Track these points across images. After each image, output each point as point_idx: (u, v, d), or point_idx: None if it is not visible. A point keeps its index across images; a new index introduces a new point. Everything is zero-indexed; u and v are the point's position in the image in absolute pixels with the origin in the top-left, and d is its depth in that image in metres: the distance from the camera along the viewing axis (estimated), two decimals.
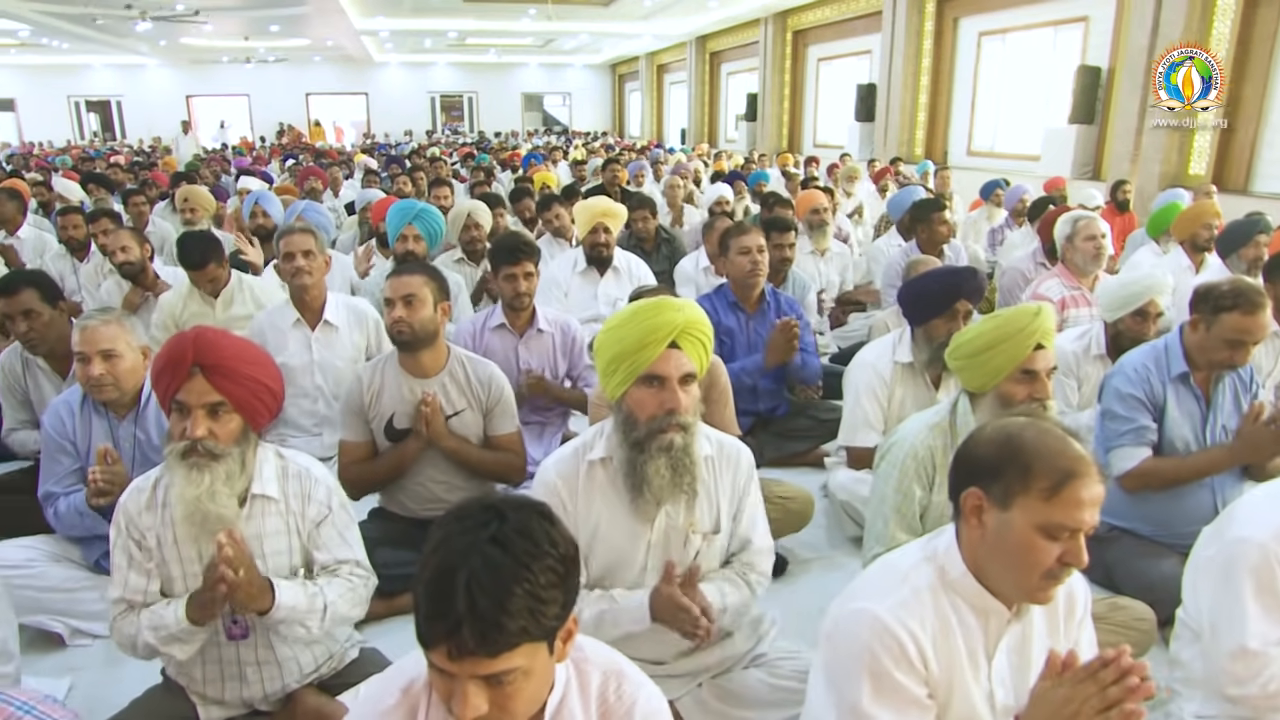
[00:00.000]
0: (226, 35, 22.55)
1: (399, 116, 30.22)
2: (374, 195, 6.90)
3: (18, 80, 28.55)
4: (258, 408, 1.97)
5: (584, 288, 4.78)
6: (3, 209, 6.56)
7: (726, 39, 22.24)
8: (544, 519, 1.20)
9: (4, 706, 1.35)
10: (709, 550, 2.09)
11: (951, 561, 1.53)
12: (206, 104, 30.38)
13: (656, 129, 27.90)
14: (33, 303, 3.21)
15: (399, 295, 2.82)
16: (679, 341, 1.93)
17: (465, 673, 1.14)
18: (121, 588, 2.01)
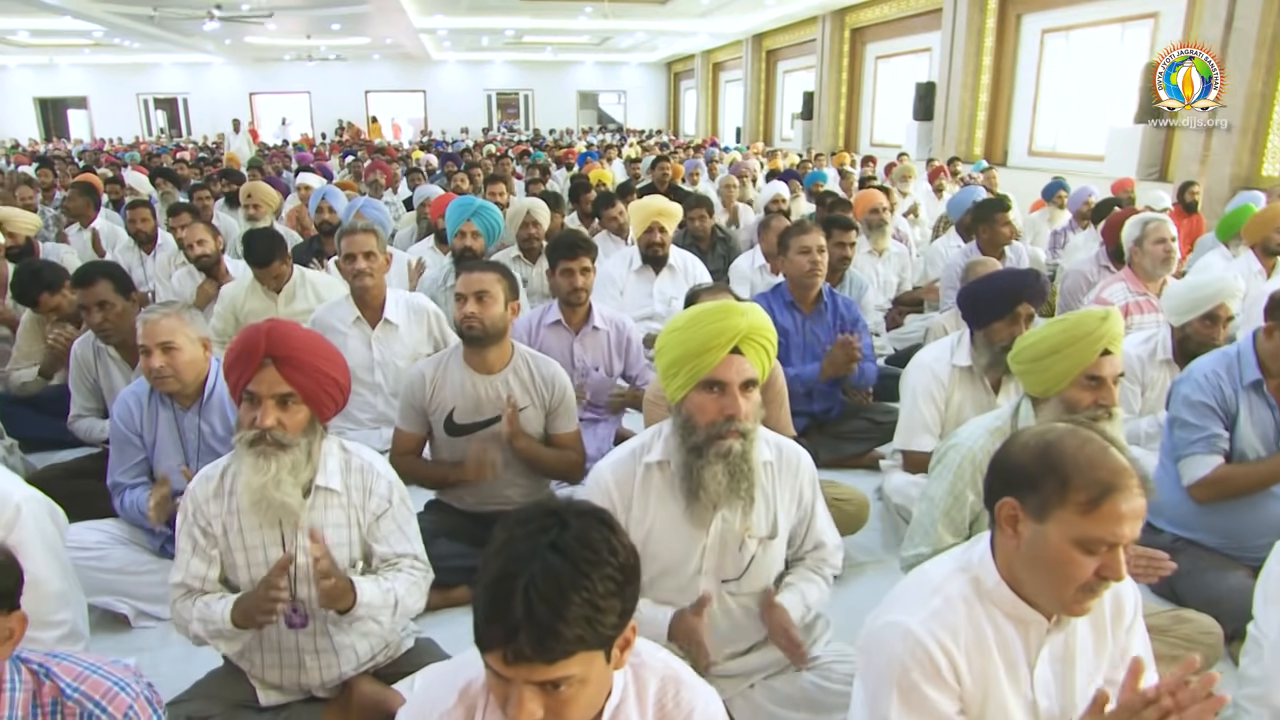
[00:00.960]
0: (289, 34, 22.96)
1: (456, 114, 30.50)
2: (433, 191, 6.97)
3: (90, 79, 29.45)
4: (325, 400, 2.01)
5: (639, 286, 4.80)
6: (76, 203, 6.79)
7: (783, 37, 22.07)
8: (605, 527, 1.21)
9: (72, 666, 1.43)
10: (764, 555, 2.09)
11: (986, 571, 1.50)
12: (268, 101, 30.97)
13: (711, 127, 27.79)
14: (107, 294, 3.32)
15: (471, 291, 2.85)
16: (742, 347, 1.92)
17: (521, 678, 1.14)
18: (183, 572, 2.06)
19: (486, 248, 4.65)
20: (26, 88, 29.61)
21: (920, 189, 9.51)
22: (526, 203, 5.23)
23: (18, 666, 1.40)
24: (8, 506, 2.04)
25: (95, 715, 1.40)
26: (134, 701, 1.43)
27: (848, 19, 18.73)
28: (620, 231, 5.90)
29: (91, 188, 7.28)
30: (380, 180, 8.83)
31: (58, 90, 29.93)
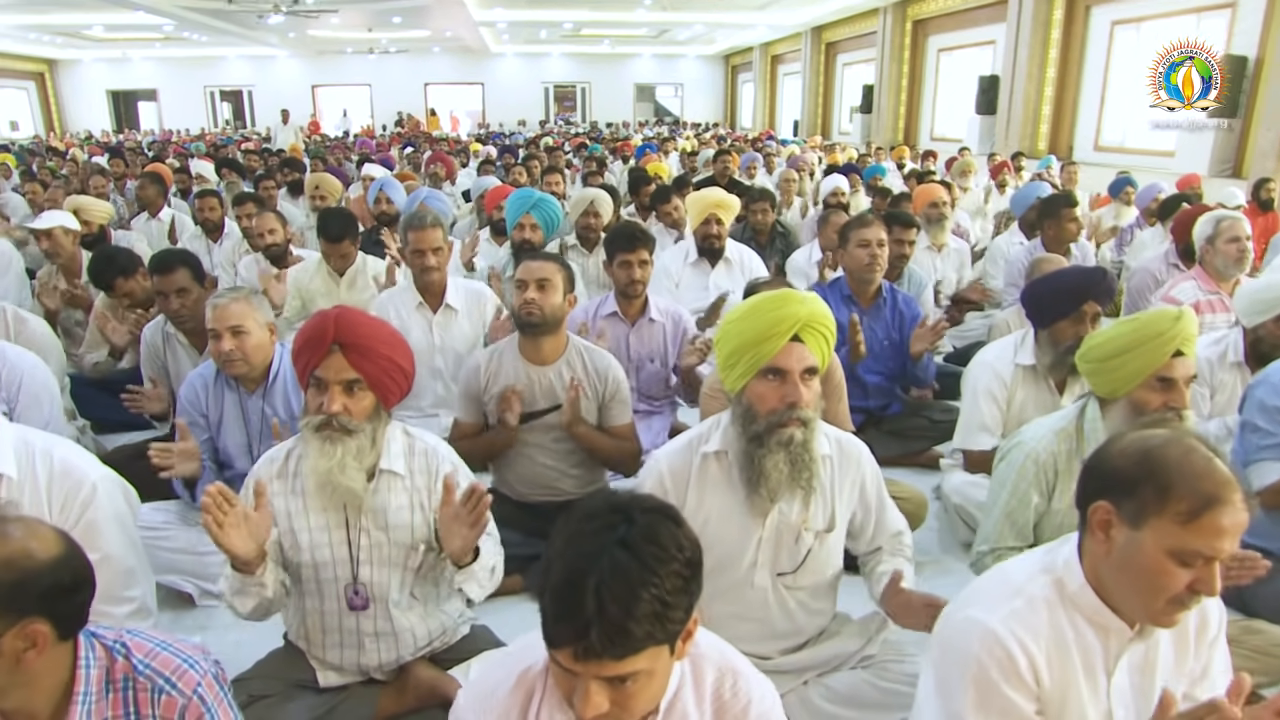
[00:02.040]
0: (352, 27, 23.30)
1: (513, 106, 30.69)
2: (490, 183, 7.03)
3: (160, 72, 30.26)
4: (390, 387, 2.03)
5: (695, 279, 4.78)
6: (147, 192, 6.97)
7: (843, 29, 21.82)
8: (671, 522, 1.21)
9: (143, 643, 1.46)
10: (821, 549, 2.07)
11: (1071, 575, 1.46)
12: (330, 93, 31.47)
13: (769, 120, 27.60)
14: (185, 281, 3.41)
15: (533, 278, 2.88)
16: (801, 335, 1.91)
17: (589, 673, 1.15)
18: None
19: (546, 239, 4.68)
20: (100, 81, 30.54)
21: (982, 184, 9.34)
22: (590, 193, 5.25)
23: (92, 643, 1.44)
24: (84, 485, 2.10)
25: (165, 690, 1.43)
26: (202, 678, 1.47)
27: (910, 11, 18.47)
28: (676, 225, 5.89)
29: (161, 177, 7.46)
30: (439, 172, 8.92)
31: (129, 83, 30.81)
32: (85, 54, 28.91)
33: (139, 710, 1.44)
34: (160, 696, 1.44)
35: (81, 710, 1.40)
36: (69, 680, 1.40)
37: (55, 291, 4.61)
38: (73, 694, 1.39)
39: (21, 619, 1.29)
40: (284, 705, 2.14)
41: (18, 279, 5.24)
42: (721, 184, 7.39)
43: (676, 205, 5.86)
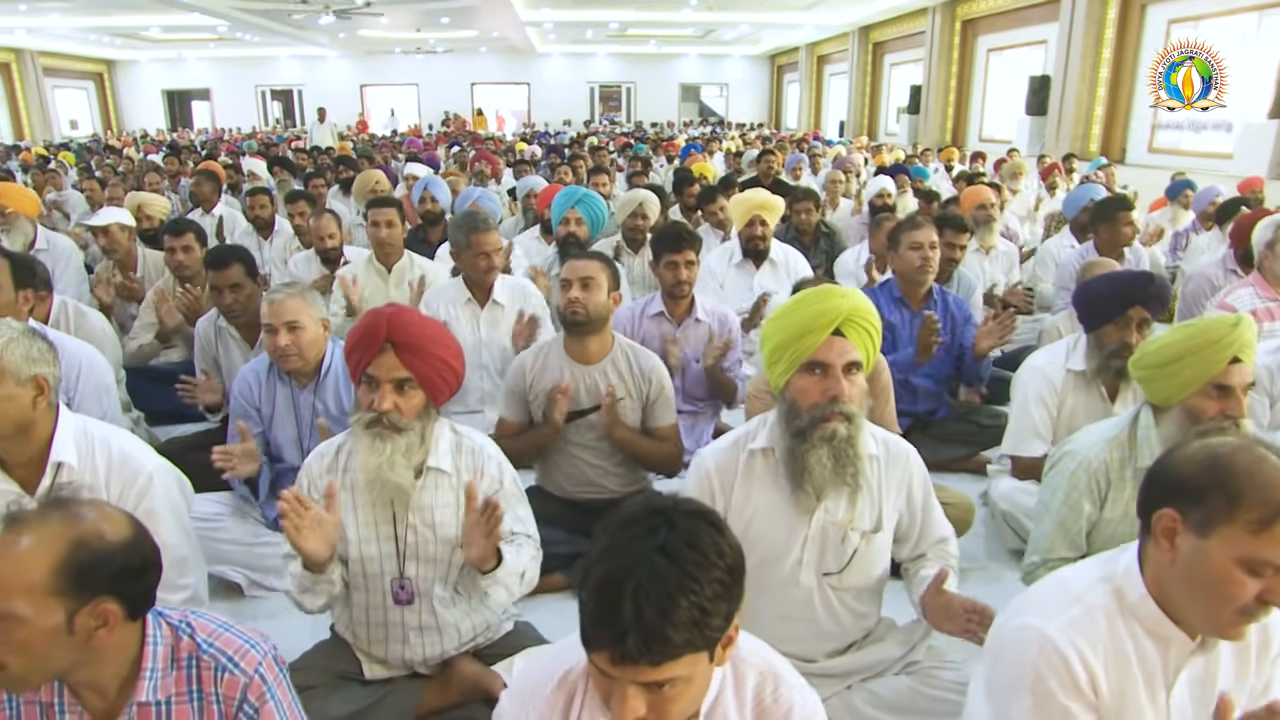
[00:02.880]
0: (400, 27, 23.57)
1: (558, 106, 30.83)
2: (537, 183, 7.06)
3: (214, 72, 30.88)
4: (440, 385, 2.05)
5: (740, 279, 4.78)
6: (202, 189, 7.11)
7: (891, 29, 21.62)
8: (713, 528, 1.20)
9: (207, 624, 1.50)
10: (867, 549, 2.05)
11: (1131, 584, 1.43)
12: (378, 93, 31.85)
13: (814, 121, 27.42)
14: (239, 277, 3.48)
15: (577, 277, 2.89)
16: (843, 329, 1.90)
17: (627, 678, 1.15)
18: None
19: (591, 236, 4.70)
20: (156, 81, 31.27)
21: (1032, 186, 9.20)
22: (639, 194, 5.25)
23: (159, 622, 1.48)
24: (141, 475, 2.15)
25: (228, 669, 1.47)
26: (263, 659, 1.50)
27: (959, 10, 18.24)
28: (721, 225, 5.87)
29: (215, 175, 7.61)
30: (485, 170, 8.99)
31: (183, 83, 31.48)
32: (142, 54, 29.62)
33: (202, 688, 1.47)
34: (223, 675, 1.47)
35: (148, 685, 1.44)
36: (136, 657, 1.44)
37: (109, 285, 4.72)
38: (140, 670, 1.44)
39: (94, 598, 1.34)
40: (330, 696, 2.17)
41: (77, 274, 5.38)
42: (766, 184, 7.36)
43: (722, 206, 5.85)
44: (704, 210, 6.01)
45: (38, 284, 3.13)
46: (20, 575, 1.29)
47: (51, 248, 5.21)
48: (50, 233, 5.55)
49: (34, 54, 25.87)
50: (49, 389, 2.07)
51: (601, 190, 6.79)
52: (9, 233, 5.09)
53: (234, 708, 1.48)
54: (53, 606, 1.30)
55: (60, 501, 1.41)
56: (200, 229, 4.44)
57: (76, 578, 1.32)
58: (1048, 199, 8.69)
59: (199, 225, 4.48)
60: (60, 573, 1.31)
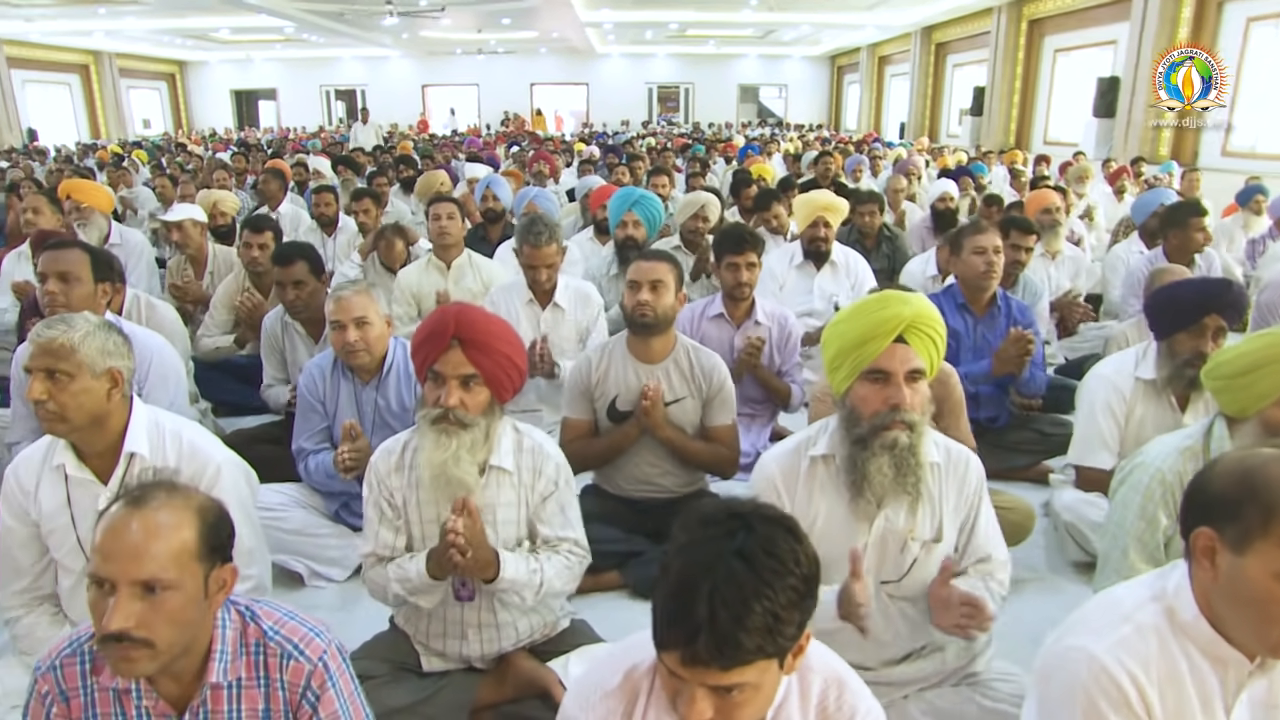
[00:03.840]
0: (462, 28, 23.85)
1: (617, 106, 30.91)
2: (595, 183, 7.08)
3: (280, 72, 31.60)
4: (505, 382, 2.07)
5: (800, 281, 4.73)
6: (269, 187, 7.28)
7: (954, 29, 21.30)
8: (791, 535, 1.19)
9: (273, 611, 1.54)
10: (927, 558, 2.02)
11: (1182, 603, 1.38)
12: (439, 93, 32.26)
13: (874, 122, 27.13)
14: (303, 274, 3.55)
15: (646, 279, 2.89)
16: (906, 336, 1.88)
17: (696, 680, 1.15)
18: (373, 541, 2.17)
19: (648, 236, 4.71)
20: (225, 81, 32.11)
21: (1098, 190, 8.99)
22: (701, 197, 5.24)
23: (228, 608, 1.53)
24: (209, 466, 2.21)
25: (293, 657, 1.51)
26: (326, 648, 1.54)
27: (1025, 10, 17.91)
28: (780, 229, 5.83)
29: (281, 173, 7.78)
30: (544, 170, 9.05)
31: (251, 83, 32.26)
32: (212, 55, 30.45)
33: (268, 674, 1.51)
34: (288, 662, 1.51)
35: (219, 668, 1.48)
36: (209, 641, 1.49)
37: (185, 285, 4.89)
38: (211, 652, 1.48)
39: (218, 563, 1.45)
40: (390, 687, 2.20)
41: (148, 269, 5.54)
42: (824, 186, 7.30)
43: (779, 213, 5.81)
44: (762, 215, 5.97)
45: (114, 277, 3.22)
46: (172, 546, 1.37)
47: (124, 242, 5.38)
48: (123, 228, 5.72)
49: (111, 56, 26.79)
50: (123, 381, 2.13)
51: (661, 192, 6.79)
52: (85, 227, 5.25)
53: (298, 694, 1.51)
54: (195, 572, 1.40)
55: (159, 483, 1.48)
56: (279, 227, 4.55)
57: (210, 543, 1.43)
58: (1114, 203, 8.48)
59: (277, 223, 4.57)
60: (200, 539, 1.41)
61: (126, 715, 1.51)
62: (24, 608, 2.22)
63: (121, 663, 1.36)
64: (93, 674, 1.50)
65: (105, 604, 1.34)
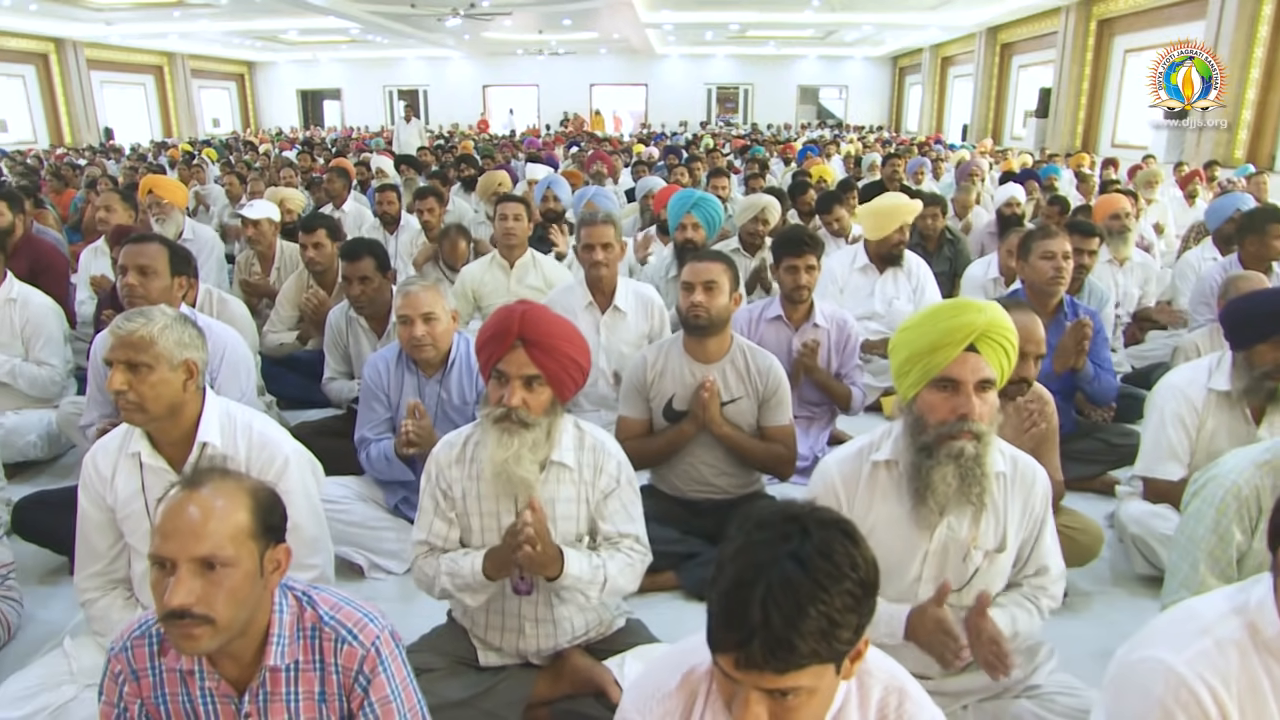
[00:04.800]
0: (523, 29, 24.07)
1: (675, 107, 30.94)
2: (655, 183, 7.09)
3: (344, 72, 32.26)
4: (567, 382, 2.09)
5: (862, 285, 4.68)
6: (334, 185, 7.43)
7: (1021, 29, 20.94)
8: (848, 539, 1.18)
9: (329, 597, 1.58)
10: (990, 569, 1.99)
11: (1266, 619, 1.33)
12: (499, 93, 32.61)
13: (936, 124, 26.77)
14: (369, 270, 3.61)
15: (700, 280, 2.89)
16: (978, 345, 1.84)
17: (750, 683, 1.14)
18: (425, 531, 2.20)
19: (707, 238, 4.70)
20: (291, 81, 32.89)
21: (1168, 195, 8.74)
22: (762, 199, 5.21)
23: (285, 593, 1.57)
24: (278, 457, 2.26)
25: (347, 641, 1.54)
26: (380, 633, 1.57)
27: (1095, 9, 17.54)
28: (841, 232, 5.77)
29: (346, 171, 7.93)
30: (603, 170, 9.08)
31: (316, 83, 32.98)
32: (280, 56, 31.19)
33: (324, 658, 1.55)
34: (343, 646, 1.54)
35: (276, 651, 1.52)
36: (266, 625, 1.53)
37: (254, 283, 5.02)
38: (269, 636, 1.52)
39: (272, 543, 1.50)
40: (447, 680, 2.23)
41: (218, 264, 5.69)
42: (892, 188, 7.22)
43: (840, 215, 5.75)
44: (823, 218, 5.91)
45: (190, 271, 3.31)
46: (228, 525, 1.42)
47: (196, 237, 5.52)
48: (195, 223, 5.87)
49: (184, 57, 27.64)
50: (198, 373, 2.19)
51: (720, 193, 6.77)
52: (162, 223, 5.41)
53: (351, 678, 1.55)
54: (251, 550, 1.45)
55: (213, 468, 1.54)
56: (331, 224, 4.62)
57: (263, 523, 1.48)
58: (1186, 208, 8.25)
59: (331, 220, 4.66)
60: (254, 519, 1.47)
61: (191, 695, 1.56)
62: (98, 590, 2.30)
63: (184, 640, 1.41)
64: (160, 655, 1.56)
65: (166, 583, 1.39)
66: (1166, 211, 8.00)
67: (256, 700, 1.54)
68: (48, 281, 4.63)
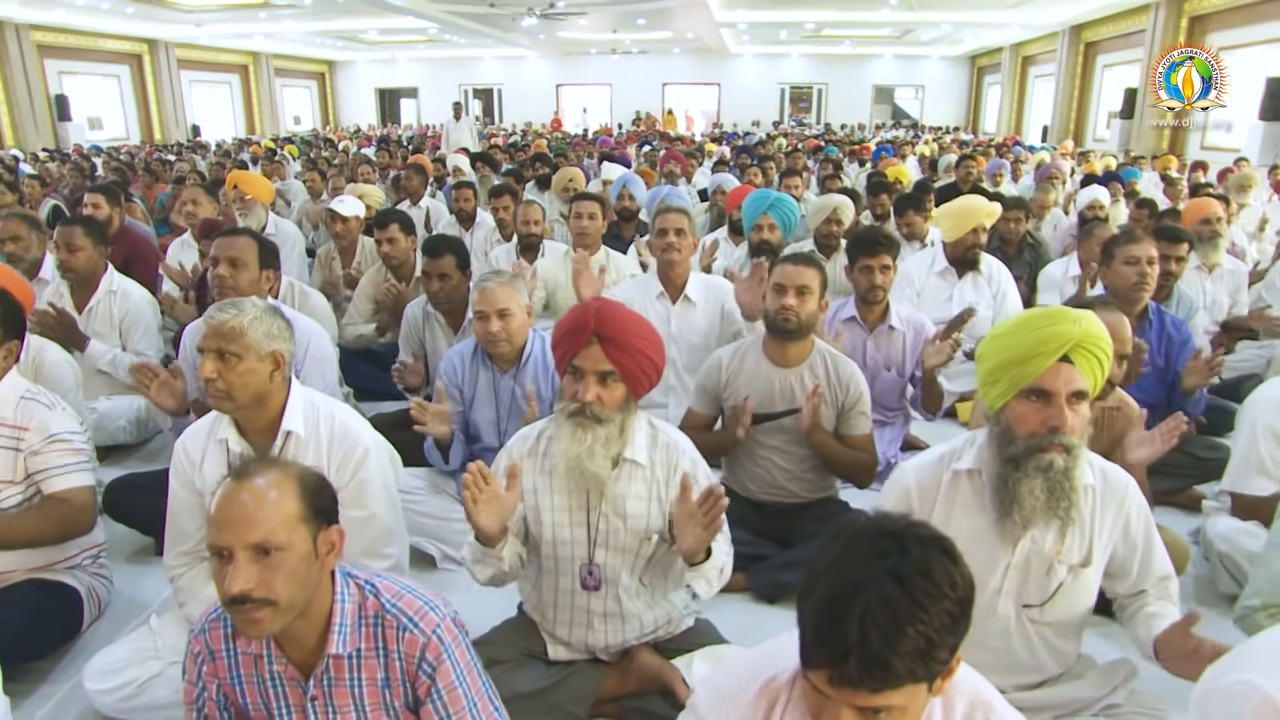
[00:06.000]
0: (598, 29, 24.18)
1: (748, 107, 30.74)
2: (728, 180, 7.06)
3: (421, 71, 32.83)
4: (641, 379, 2.10)
5: (939, 289, 4.59)
6: (411, 182, 7.56)
7: (1106, 27, 20.30)
8: (947, 556, 1.15)
9: (391, 585, 1.61)
10: (1074, 584, 1.94)
11: None
12: (573, 92, 32.82)
13: (1015, 125, 26.14)
14: (449, 267, 3.67)
15: (792, 284, 2.88)
16: (1072, 355, 1.80)
17: (843, 700, 1.13)
18: None
19: (784, 239, 4.67)
20: (370, 80, 33.61)
21: (1262, 200, 8.41)
22: (834, 199, 5.15)
23: (348, 581, 1.61)
24: (359, 448, 2.31)
25: (409, 629, 1.57)
26: (441, 621, 1.59)
27: (1186, 6, 16.89)
28: (916, 236, 5.68)
29: (423, 169, 8.05)
30: (675, 170, 9.07)
31: (394, 82, 33.62)
32: (359, 55, 31.89)
33: (386, 645, 1.58)
34: (404, 634, 1.57)
35: (338, 639, 1.56)
36: (328, 613, 1.57)
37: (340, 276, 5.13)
38: (331, 624, 1.56)
39: (324, 525, 1.54)
40: (516, 673, 2.26)
41: (300, 258, 5.84)
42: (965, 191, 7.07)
43: (912, 221, 5.65)
44: (897, 221, 5.82)
45: (276, 264, 3.41)
46: (281, 510, 1.47)
47: (279, 232, 5.67)
48: (277, 218, 6.04)
49: (268, 57, 28.47)
50: (285, 364, 2.26)
51: (794, 193, 6.71)
52: (246, 217, 5.58)
53: (414, 665, 1.58)
54: (304, 534, 1.49)
55: (260, 458, 1.61)
56: (405, 219, 4.70)
57: (314, 506, 1.52)
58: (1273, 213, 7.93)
59: (404, 215, 4.73)
60: (305, 503, 1.51)
61: (262, 677, 1.62)
62: (185, 567, 2.39)
63: (248, 624, 1.46)
64: (233, 638, 1.62)
65: (225, 571, 1.43)
66: (1263, 215, 7.70)
67: (321, 685, 1.59)
68: (139, 271, 4.83)
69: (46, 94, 20.66)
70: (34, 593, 2.57)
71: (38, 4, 18.45)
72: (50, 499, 2.51)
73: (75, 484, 2.53)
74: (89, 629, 2.76)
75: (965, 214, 4.60)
